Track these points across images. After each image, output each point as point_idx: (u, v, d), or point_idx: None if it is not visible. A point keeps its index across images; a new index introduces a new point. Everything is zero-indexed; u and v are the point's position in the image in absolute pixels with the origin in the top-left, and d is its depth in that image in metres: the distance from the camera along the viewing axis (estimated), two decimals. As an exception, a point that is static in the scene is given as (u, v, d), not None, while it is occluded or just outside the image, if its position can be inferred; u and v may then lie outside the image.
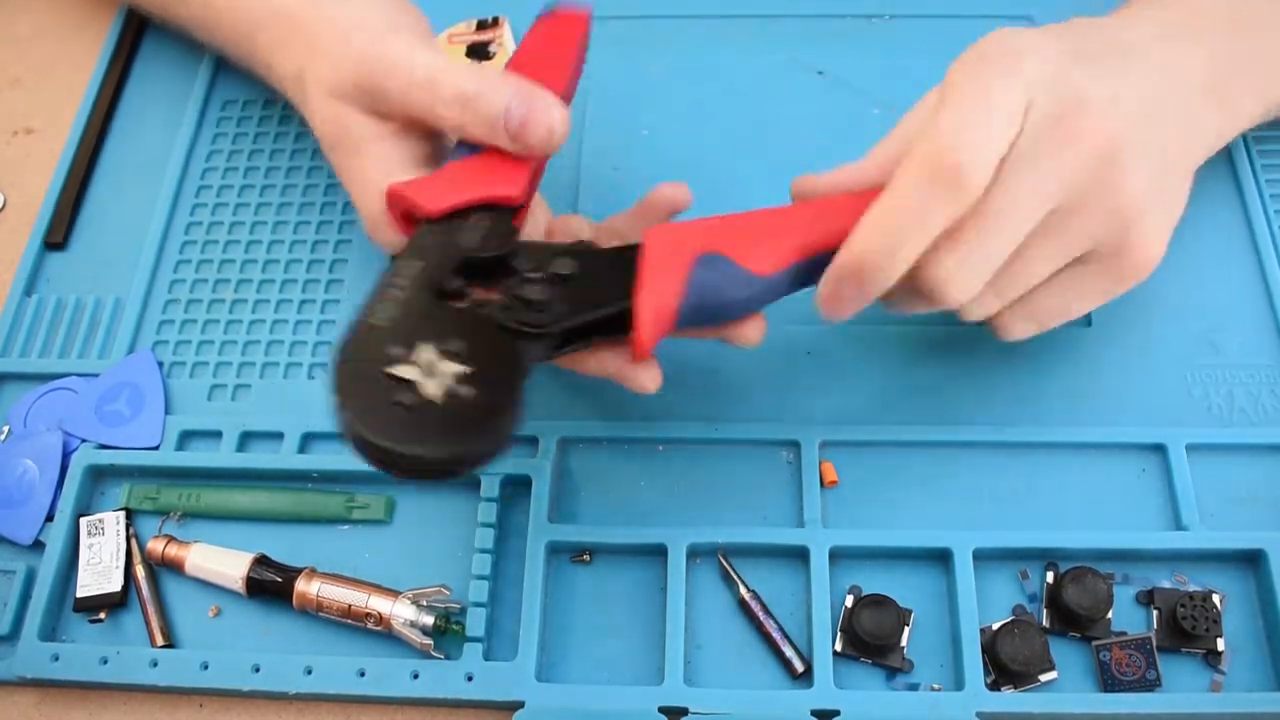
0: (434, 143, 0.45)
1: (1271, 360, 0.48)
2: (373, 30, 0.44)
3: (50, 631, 0.45)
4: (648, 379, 0.41)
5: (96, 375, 0.50)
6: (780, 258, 0.39)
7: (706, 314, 0.39)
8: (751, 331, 0.41)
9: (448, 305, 0.37)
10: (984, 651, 0.42)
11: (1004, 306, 0.42)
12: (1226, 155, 0.53)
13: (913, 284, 0.39)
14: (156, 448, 0.48)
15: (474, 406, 0.34)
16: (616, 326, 0.38)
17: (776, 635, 0.43)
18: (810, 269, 0.39)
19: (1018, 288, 0.41)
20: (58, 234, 0.55)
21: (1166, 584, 0.44)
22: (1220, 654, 0.42)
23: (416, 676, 0.42)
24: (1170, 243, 0.52)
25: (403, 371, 0.34)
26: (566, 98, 0.44)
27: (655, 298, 0.38)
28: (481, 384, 0.34)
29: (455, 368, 0.34)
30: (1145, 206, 0.40)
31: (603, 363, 0.41)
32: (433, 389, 0.34)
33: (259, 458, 0.48)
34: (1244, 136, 0.54)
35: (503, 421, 0.34)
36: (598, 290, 0.38)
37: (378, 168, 0.43)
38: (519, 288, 0.38)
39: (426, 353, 0.35)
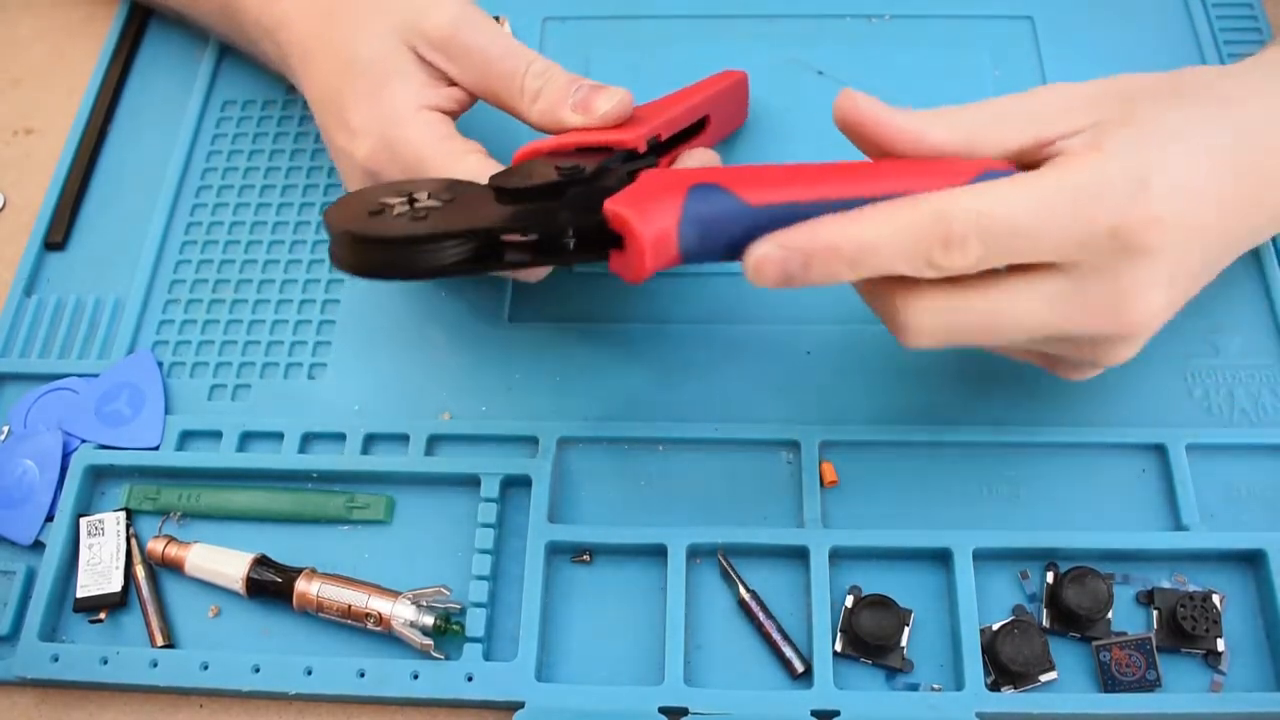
0: (459, 110, 0.47)
1: (1271, 360, 0.48)
2: None
3: (50, 632, 0.45)
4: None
5: (96, 375, 0.50)
6: (778, 195, 0.37)
7: (703, 241, 0.38)
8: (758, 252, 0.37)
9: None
10: (984, 652, 0.42)
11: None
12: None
13: (869, 291, 0.38)
14: (156, 448, 0.48)
15: (420, 219, 0.38)
16: (604, 236, 0.38)
17: (776, 635, 0.43)
18: (807, 211, 0.37)
19: (974, 342, 0.39)
20: (58, 234, 0.55)
21: (1166, 584, 0.44)
22: (1220, 654, 0.42)
23: (416, 677, 0.42)
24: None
25: (389, 199, 0.39)
26: (688, 111, 0.49)
27: (655, 218, 0.37)
28: (442, 211, 0.39)
29: (432, 203, 0.39)
30: (1147, 325, 0.38)
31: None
32: (400, 207, 0.39)
33: (259, 458, 0.48)
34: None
35: (436, 230, 0.38)
36: (598, 195, 0.38)
37: (413, 91, 0.45)
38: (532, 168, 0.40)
39: (420, 195, 0.39)
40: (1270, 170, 0.40)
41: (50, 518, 0.47)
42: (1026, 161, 0.39)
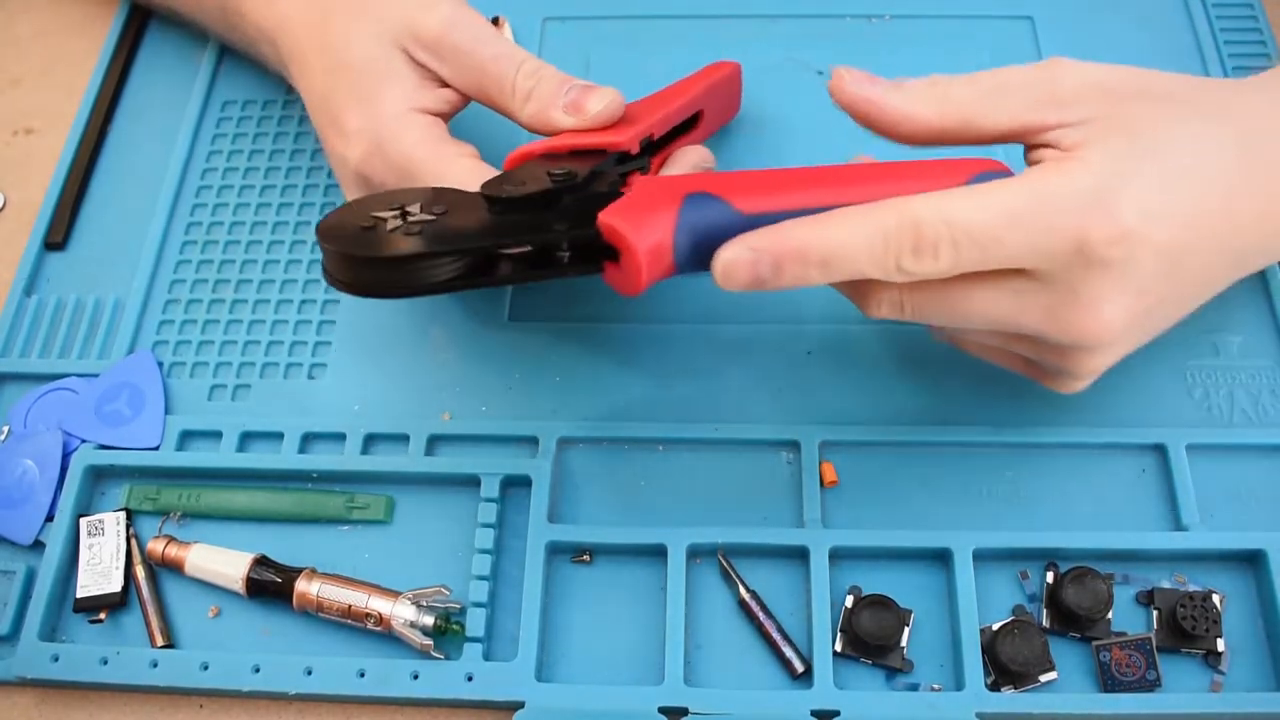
0: (451, 111, 0.47)
1: (1271, 360, 0.48)
2: None
3: (50, 632, 0.45)
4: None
5: (96, 375, 0.50)
6: (769, 203, 0.38)
7: (697, 251, 0.38)
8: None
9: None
10: (984, 652, 0.42)
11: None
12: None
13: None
14: (156, 448, 0.48)
15: (412, 234, 0.38)
16: (595, 255, 0.38)
17: (776, 635, 0.43)
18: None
19: (937, 322, 0.39)
20: (58, 234, 0.55)
21: (1166, 584, 0.44)
22: (1220, 654, 0.42)
23: (416, 677, 0.42)
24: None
25: (382, 213, 0.39)
26: (681, 107, 0.49)
27: (650, 231, 0.37)
28: (433, 225, 0.38)
29: (425, 216, 0.39)
30: (1112, 341, 0.38)
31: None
32: (393, 222, 0.38)
33: (259, 458, 0.48)
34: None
35: (436, 260, 0.38)
36: (592, 207, 0.38)
37: (405, 94, 0.45)
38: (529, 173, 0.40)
39: (412, 207, 0.39)
40: (1277, 189, 0.39)
41: (50, 518, 0.47)
42: (1020, 140, 0.39)
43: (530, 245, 0.39)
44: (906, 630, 0.43)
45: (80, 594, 0.45)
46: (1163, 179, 0.37)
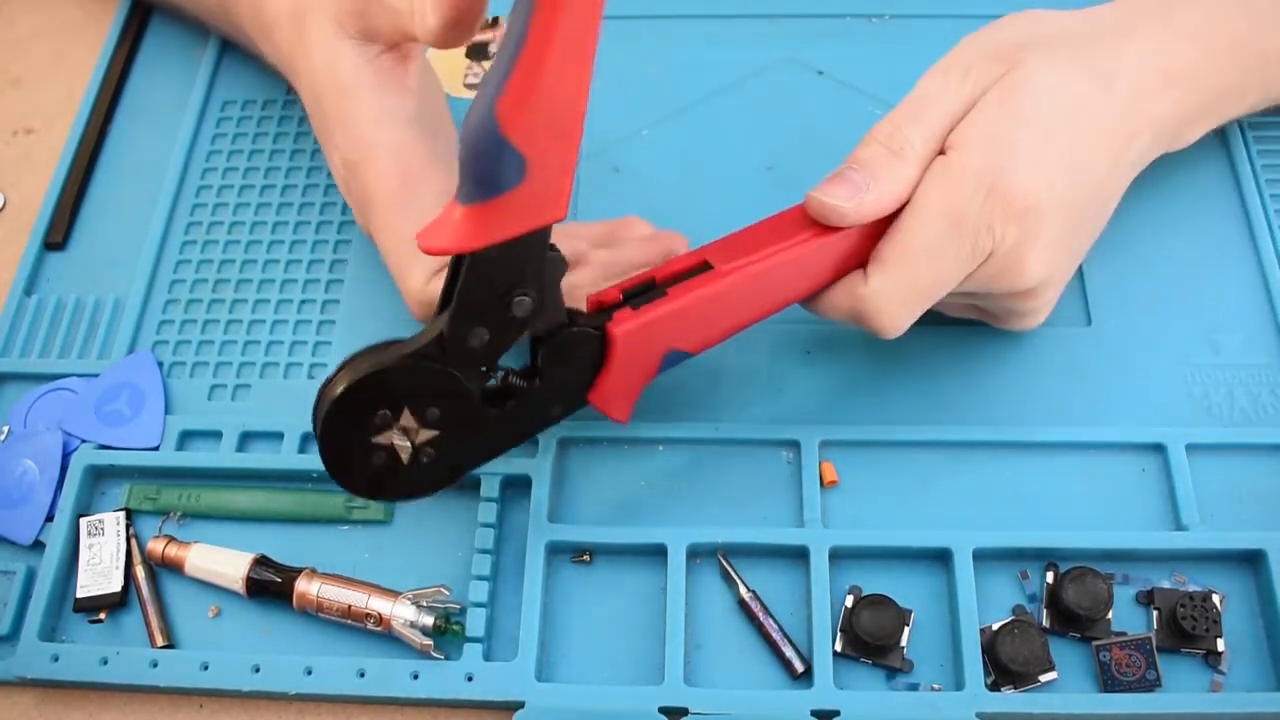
0: (416, 100, 0.46)
1: (1271, 360, 0.48)
2: None
3: (50, 632, 0.45)
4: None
5: (96, 375, 0.50)
6: (716, 339, 0.43)
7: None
8: None
9: (440, 369, 0.39)
10: (984, 652, 0.42)
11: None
12: (1226, 153, 0.53)
13: None
14: (156, 448, 0.48)
15: (432, 467, 0.40)
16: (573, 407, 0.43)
17: (776, 635, 0.43)
18: None
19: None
20: (58, 234, 0.55)
21: (1166, 584, 0.44)
22: (1220, 654, 0.42)
23: (416, 677, 0.42)
24: (1170, 241, 0.53)
25: (381, 438, 0.39)
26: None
27: (626, 397, 0.43)
28: (442, 450, 0.40)
29: (427, 434, 0.39)
30: (1045, 282, 0.43)
31: None
32: (403, 454, 0.39)
33: (259, 458, 0.48)
34: (1243, 133, 0.54)
35: (453, 476, 0.41)
36: (571, 380, 0.42)
37: (366, 113, 0.44)
38: (506, 377, 0.41)
39: (407, 419, 0.39)
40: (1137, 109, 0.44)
41: (50, 518, 0.47)
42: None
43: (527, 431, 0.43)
44: (906, 630, 0.43)
45: (80, 594, 0.45)
46: (1036, 143, 0.41)
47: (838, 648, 0.43)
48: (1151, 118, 0.45)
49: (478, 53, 0.60)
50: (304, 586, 0.44)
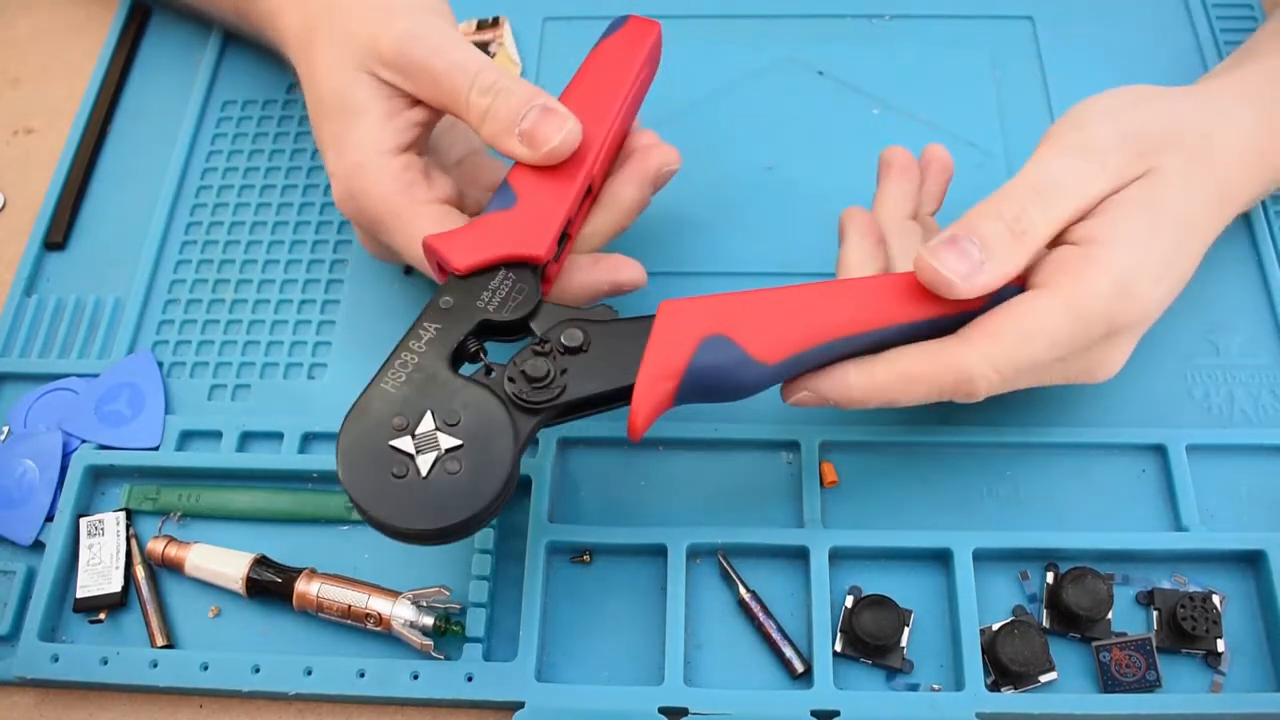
0: (425, 130, 0.46)
1: (1271, 360, 0.48)
2: (414, 7, 0.45)
3: (50, 632, 0.45)
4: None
5: (96, 375, 0.50)
6: (787, 346, 0.39)
7: (705, 394, 0.40)
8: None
9: (454, 376, 0.38)
10: (984, 652, 0.42)
11: None
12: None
13: None
14: (156, 448, 0.48)
15: (461, 482, 0.37)
16: (616, 399, 0.39)
17: (776, 635, 0.43)
18: (816, 357, 0.40)
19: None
20: (58, 234, 0.55)
21: (1166, 584, 0.44)
22: (1220, 655, 0.42)
23: (416, 677, 0.42)
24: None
25: (402, 444, 0.37)
26: (627, 108, 0.46)
27: (654, 385, 0.38)
28: (470, 460, 0.37)
29: (450, 441, 0.37)
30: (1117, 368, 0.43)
31: None
32: (425, 464, 0.37)
33: (259, 458, 0.48)
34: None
35: (486, 495, 0.37)
36: (603, 365, 0.39)
37: (371, 136, 0.44)
38: (524, 362, 0.39)
39: (427, 424, 0.37)
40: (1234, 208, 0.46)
41: (50, 518, 0.47)
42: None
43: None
44: (906, 630, 0.43)
45: (80, 594, 0.45)
46: (1166, 253, 0.41)
47: (838, 648, 0.43)
48: (1242, 205, 0.46)
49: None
50: (304, 587, 0.44)
